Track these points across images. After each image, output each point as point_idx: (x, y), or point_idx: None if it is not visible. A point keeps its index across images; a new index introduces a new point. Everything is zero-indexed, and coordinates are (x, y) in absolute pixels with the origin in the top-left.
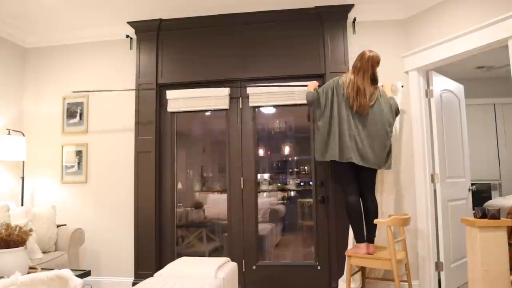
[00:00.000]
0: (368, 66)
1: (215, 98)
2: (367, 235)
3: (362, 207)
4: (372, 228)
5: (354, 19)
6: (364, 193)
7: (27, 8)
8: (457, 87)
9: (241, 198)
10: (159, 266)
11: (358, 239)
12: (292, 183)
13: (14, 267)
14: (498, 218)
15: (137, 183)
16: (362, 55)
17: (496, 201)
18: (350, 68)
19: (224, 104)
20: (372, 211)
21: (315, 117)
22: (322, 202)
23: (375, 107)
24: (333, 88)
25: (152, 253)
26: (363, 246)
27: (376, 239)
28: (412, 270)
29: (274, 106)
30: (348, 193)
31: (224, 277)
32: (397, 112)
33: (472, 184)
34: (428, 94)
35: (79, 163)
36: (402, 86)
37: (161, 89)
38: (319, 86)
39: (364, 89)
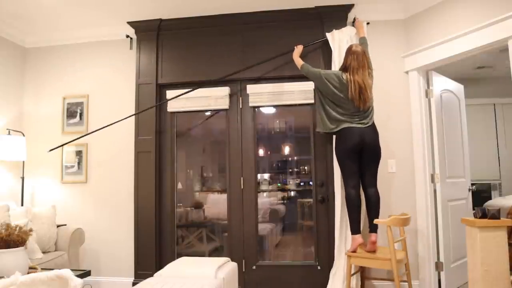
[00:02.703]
0: (364, 60)
1: (215, 98)
2: (370, 225)
3: (361, 199)
4: (375, 218)
5: (354, 19)
6: (366, 184)
7: (26, 8)
8: (457, 87)
9: (241, 198)
10: (159, 266)
11: (354, 230)
12: (292, 183)
13: (14, 267)
14: (498, 218)
15: (137, 183)
16: (354, 52)
17: (496, 201)
18: (342, 67)
19: (224, 104)
20: (374, 203)
21: (319, 92)
22: (322, 202)
23: None
24: (339, 82)
25: (152, 253)
26: (358, 236)
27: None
28: (412, 270)
29: (274, 106)
30: (349, 186)
31: (224, 277)
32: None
33: (472, 184)
34: (428, 94)
35: (79, 163)
36: (368, 23)
37: (161, 89)
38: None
39: (365, 84)
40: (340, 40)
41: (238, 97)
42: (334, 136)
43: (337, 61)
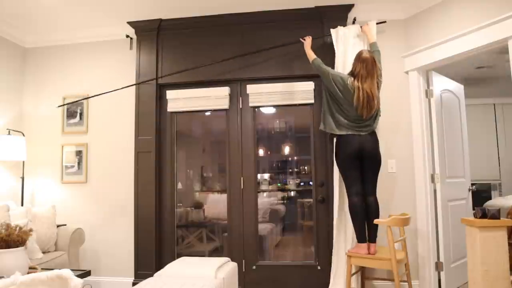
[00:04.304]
0: (373, 69)
1: (215, 98)
2: (368, 235)
3: (364, 207)
4: (373, 228)
5: (354, 19)
6: (366, 193)
7: (26, 8)
8: (457, 87)
9: (241, 198)
10: (159, 266)
11: (360, 239)
12: (292, 183)
13: (14, 267)
14: (498, 218)
15: (137, 183)
16: (364, 60)
17: (496, 201)
18: (351, 72)
19: (224, 104)
20: (373, 211)
21: (326, 89)
22: (322, 202)
23: None
24: (343, 86)
25: (152, 253)
26: (364, 246)
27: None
28: (412, 270)
29: (274, 106)
30: (351, 194)
31: (224, 277)
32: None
33: (472, 184)
34: (428, 94)
35: (79, 163)
36: (378, 23)
37: (161, 89)
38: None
39: (373, 93)
40: (345, 38)
41: (238, 97)
42: (334, 142)
43: (340, 59)
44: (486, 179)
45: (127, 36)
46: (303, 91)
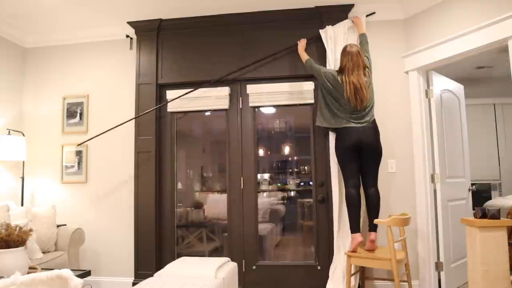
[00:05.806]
0: (359, 60)
1: (215, 98)
2: (369, 224)
3: (360, 199)
4: (375, 217)
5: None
6: (366, 184)
7: (26, 8)
8: (457, 87)
9: (241, 198)
10: (159, 266)
11: (353, 229)
12: (292, 183)
13: (14, 267)
14: (498, 218)
15: (137, 183)
16: (349, 53)
17: (496, 201)
18: (339, 68)
19: (224, 104)
20: (374, 202)
21: (321, 86)
22: (322, 202)
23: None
24: (335, 81)
25: (152, 253)
26: (357, 235)
27: (376, 240)
28: (412, 270)
29: (274, 106)
30: (349, 186)
31: (224, 277)
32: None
33: (472, 184)
34: (428, 94)
35: (79, 163)
36: (374, 13)
37: (161, 89)
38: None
39: (360, 84)
40: (335, 36)
41: (238, 97)
42: (330, 135)
43: (331, 57)
44: (486, 179)
45: (127, 36)
46: (303, 91)
